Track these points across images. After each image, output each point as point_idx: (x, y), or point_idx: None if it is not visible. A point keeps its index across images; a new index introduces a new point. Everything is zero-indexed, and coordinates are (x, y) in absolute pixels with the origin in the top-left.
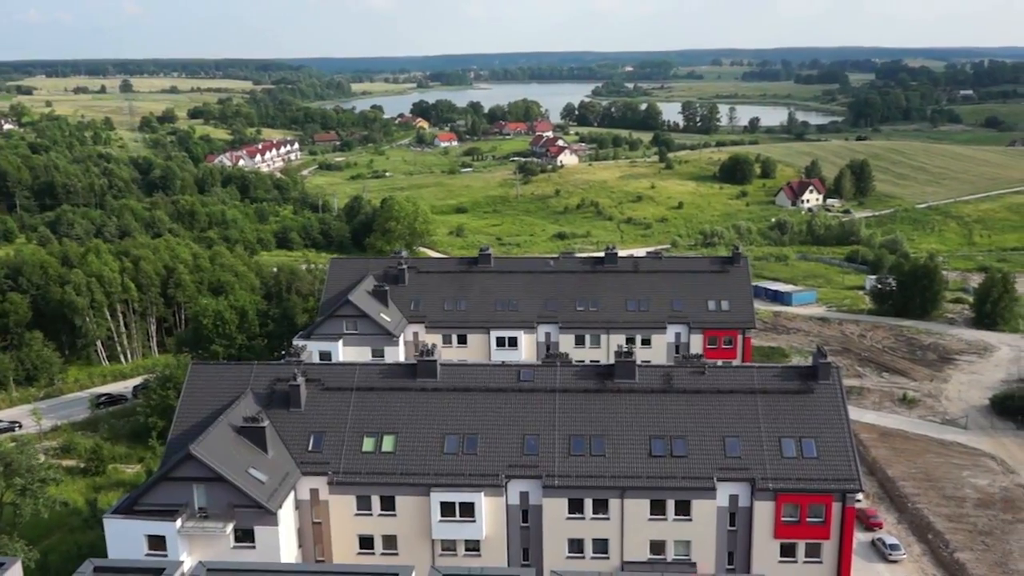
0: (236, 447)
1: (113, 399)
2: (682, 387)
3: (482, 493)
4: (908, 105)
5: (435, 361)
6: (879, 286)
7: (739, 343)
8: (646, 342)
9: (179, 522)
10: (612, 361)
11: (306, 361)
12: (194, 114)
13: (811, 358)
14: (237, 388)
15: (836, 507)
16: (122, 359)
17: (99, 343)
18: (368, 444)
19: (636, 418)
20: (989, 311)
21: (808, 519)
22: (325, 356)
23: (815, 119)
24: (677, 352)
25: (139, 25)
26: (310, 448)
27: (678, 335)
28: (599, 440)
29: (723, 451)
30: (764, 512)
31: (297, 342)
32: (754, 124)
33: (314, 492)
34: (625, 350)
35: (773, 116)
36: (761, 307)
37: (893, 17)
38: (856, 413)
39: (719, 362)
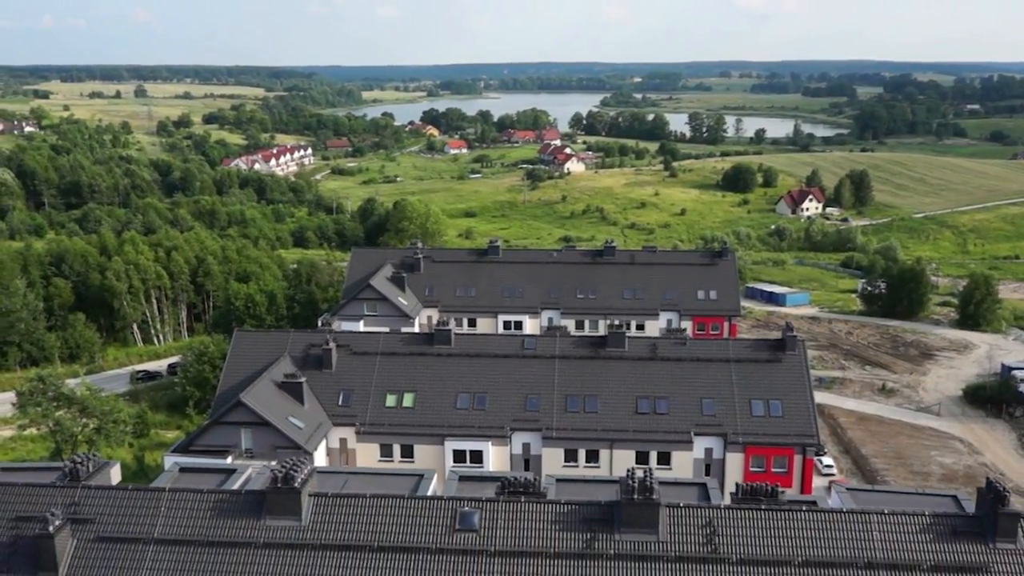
0: (277, 399)
1: (150, 375)
2: (665, 355)
3: (490, 443)
4: (914, 118)
5: (450, 330)
6: (869, 288)
7: (725, 329)
8: (640, 327)
9: (229, 459)
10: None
11: (336, 330)
12: (209, 119)
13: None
14: (276, 352)
15: (797, 459)
16: (155, 341)
17: (135, 326)
18: (391, 400)
19: (625, 381)
20: (972, 312)
21: (773, 469)
22: None
23: (822, 131)
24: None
25: (151, 32)
26: (340, 403)
27: (669, 321)
28: (592, 399)
29: (700, 410)
30: (735, 463)
31: (325, 317)
32: (760, 135)
33: (343, 441)
34: (616, 323)
35: (780, 128)
36: (756, 307)
37: (904, 31)
38: (837, 400)
39: None
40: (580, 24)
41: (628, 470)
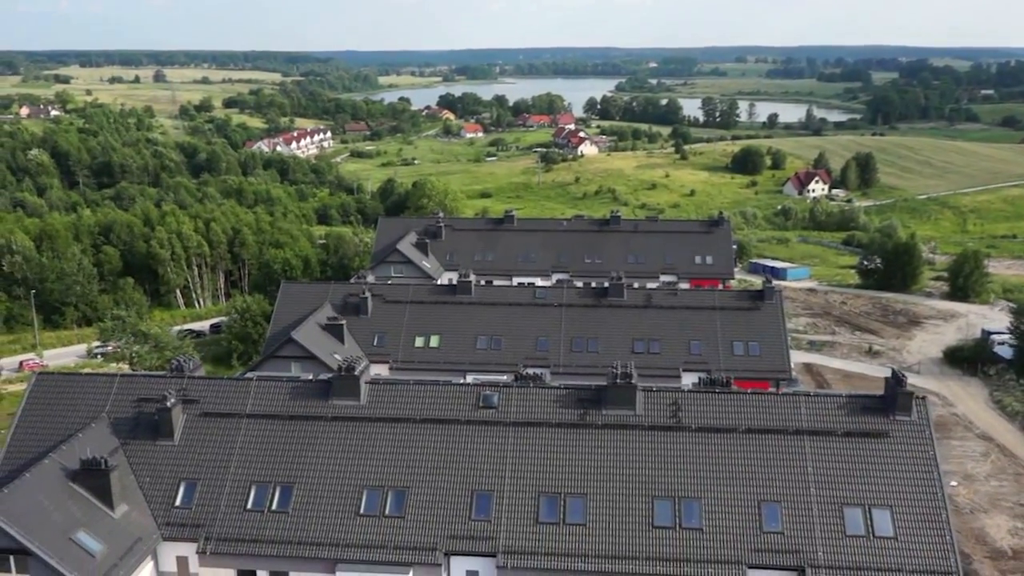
0: (322, 338)
1: (195, 333)
2: (659, 304)
3: (506, 375)
4: (927, 103)
5: (471, 282)
6: (865, 263)
7: None
8: (642, 288)
9: None
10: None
11: (371, 282)
12: (229, 103)
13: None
14: (318, 301)
15: (772, 390)
16: (196, 305)
17: (178, 291)
18: (419, 341)
19: (623, 325)
20: (962, 284)
21: None
22: None
23: (835, 117)
24: None
25: (168, 16)
26: (375, 344)
27: (668, 283)
28: (594, 341)
29: (688, 350)
30: None
31: (362, 272)
32: (772, 120)
33: (378, 375)
34: (616, 275)
35: (793, 113)
36: (758, 281)
37: (922, 16)
38: (826, 360)
39: None
40: (596, 9)
41: (612, 364)
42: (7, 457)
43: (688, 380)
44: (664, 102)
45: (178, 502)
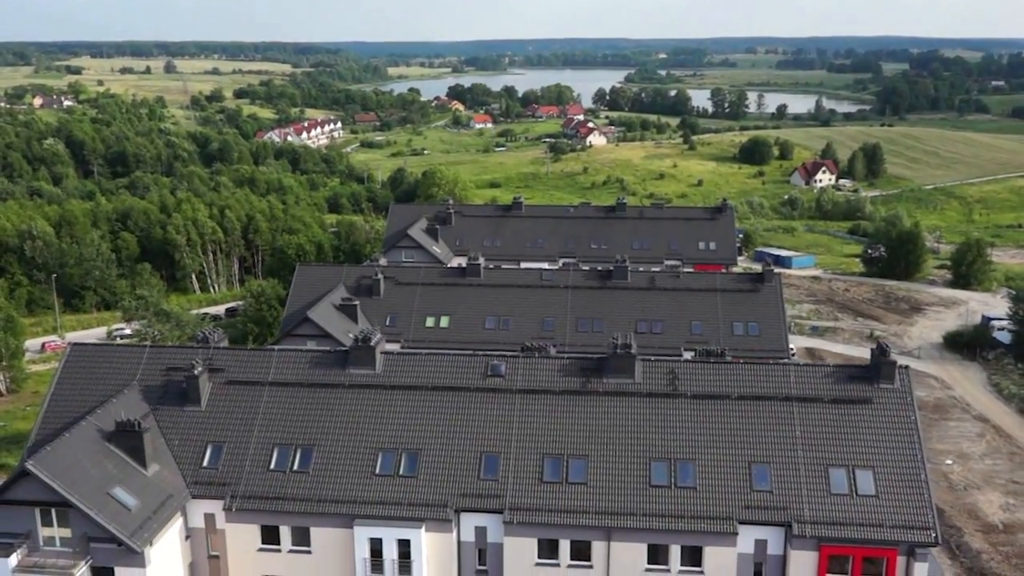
0: (336, 318)
1: (211, 317)
2: (662, 286)
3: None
4: (937, 95)
5: (480, 264)
6: (869, 251)
7: None
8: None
9: None
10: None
11: (383, 264)
12: (239, 94)
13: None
14: (332, 283)
15: None
16: (211, 290)
17: (193, 276)
18: (430, 321)
19: (626, 307)
20: (964, 272)
21: None
22: None
23: (845, 108)
24: None
25: (178, 7)
26: (387, 324)
27: (672, 267)
28: (599, 321)
29: (689, 330)
30: None
31: (375, 255)
32: (781, 111)
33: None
34: (620, 258)
35: (802, 104)
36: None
37: (932, 6)
38: (828, 345)
39: None
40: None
41: (613, 336)
42: (44, 421)
43: (688, 357)
44: (673, 93)
45: (205, 463)
